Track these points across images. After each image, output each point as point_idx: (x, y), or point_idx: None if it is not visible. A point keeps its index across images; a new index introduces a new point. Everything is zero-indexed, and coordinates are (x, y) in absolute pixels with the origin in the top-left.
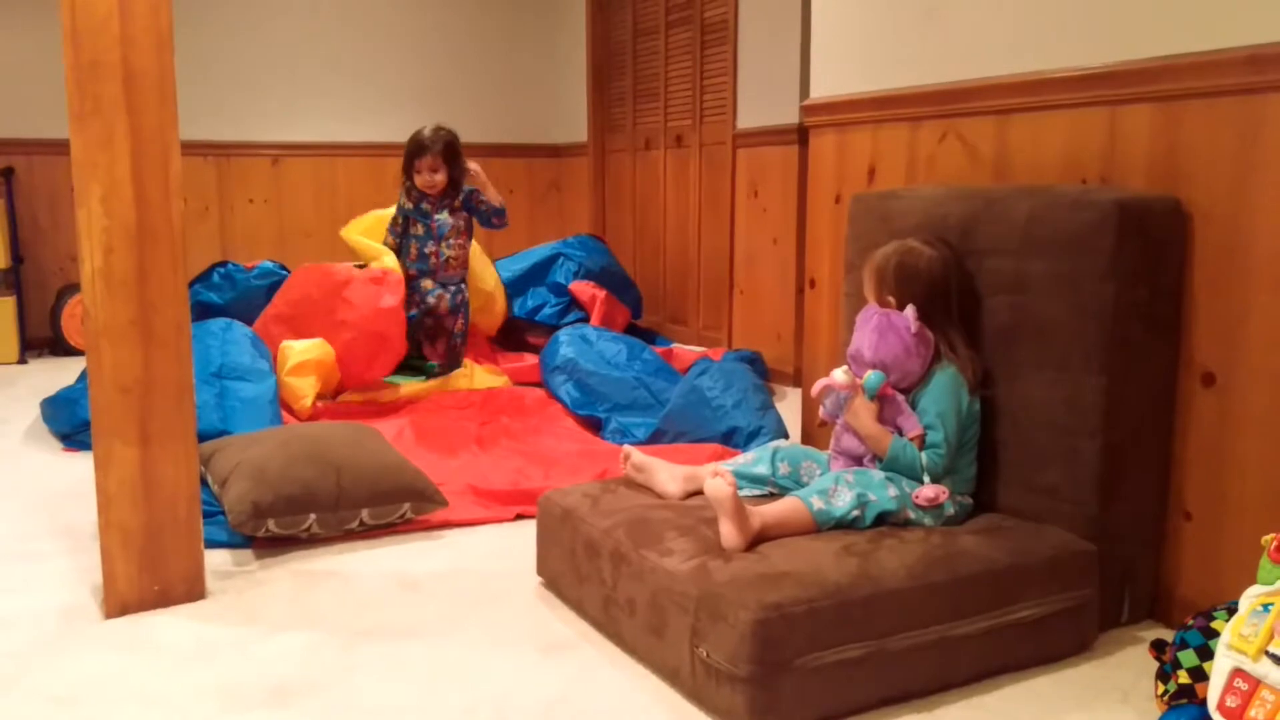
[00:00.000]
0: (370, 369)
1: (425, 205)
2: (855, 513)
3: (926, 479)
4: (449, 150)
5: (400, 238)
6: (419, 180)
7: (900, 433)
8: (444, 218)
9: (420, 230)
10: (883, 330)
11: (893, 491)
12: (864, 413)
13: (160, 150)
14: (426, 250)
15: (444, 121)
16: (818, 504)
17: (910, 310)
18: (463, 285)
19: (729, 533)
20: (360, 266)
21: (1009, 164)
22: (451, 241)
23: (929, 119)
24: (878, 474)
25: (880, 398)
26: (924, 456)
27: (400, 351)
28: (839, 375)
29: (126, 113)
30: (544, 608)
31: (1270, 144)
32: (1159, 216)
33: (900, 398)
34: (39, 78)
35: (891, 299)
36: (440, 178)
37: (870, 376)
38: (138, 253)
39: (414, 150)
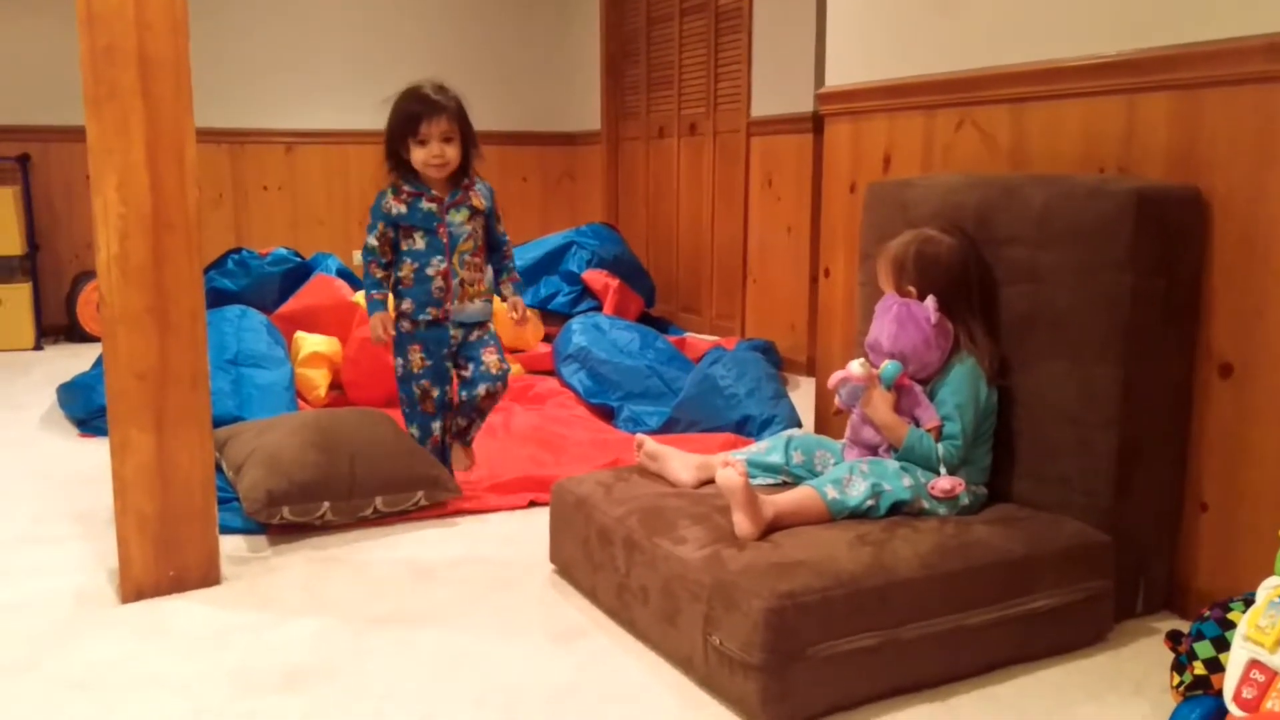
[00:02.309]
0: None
1: (427, 203)
2: (870, 502)
3: (943, 470)
4: (463, 114)
5: (390, 265)
6: (421, 157)
7: (917, 423)
8: (458, 220)
9: (421, 242)
10: (902, 321)
11: (907, 481)
12: (880, 403)
13: (176, 137)
14: (430, 271)
15: None
16: (832, 494)
17: (930, 301)
18: (488, 345)
19: (741, 522)
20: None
21: (1026, 153)
22: (467, 257)
23: (945, 107)
24: (892, 464)
25: (897, 388)
26: (940, 448)
27: None
28: (856, 368)
29: (142, 99)
30: (557, 595)
31: None
32: (1177, 206)
33: (918, 388)
34: (55, 64)
35: (912, 289)
36: (454, 152)
37: (887, 366)
38: (153, 239)
39: (411, 114)
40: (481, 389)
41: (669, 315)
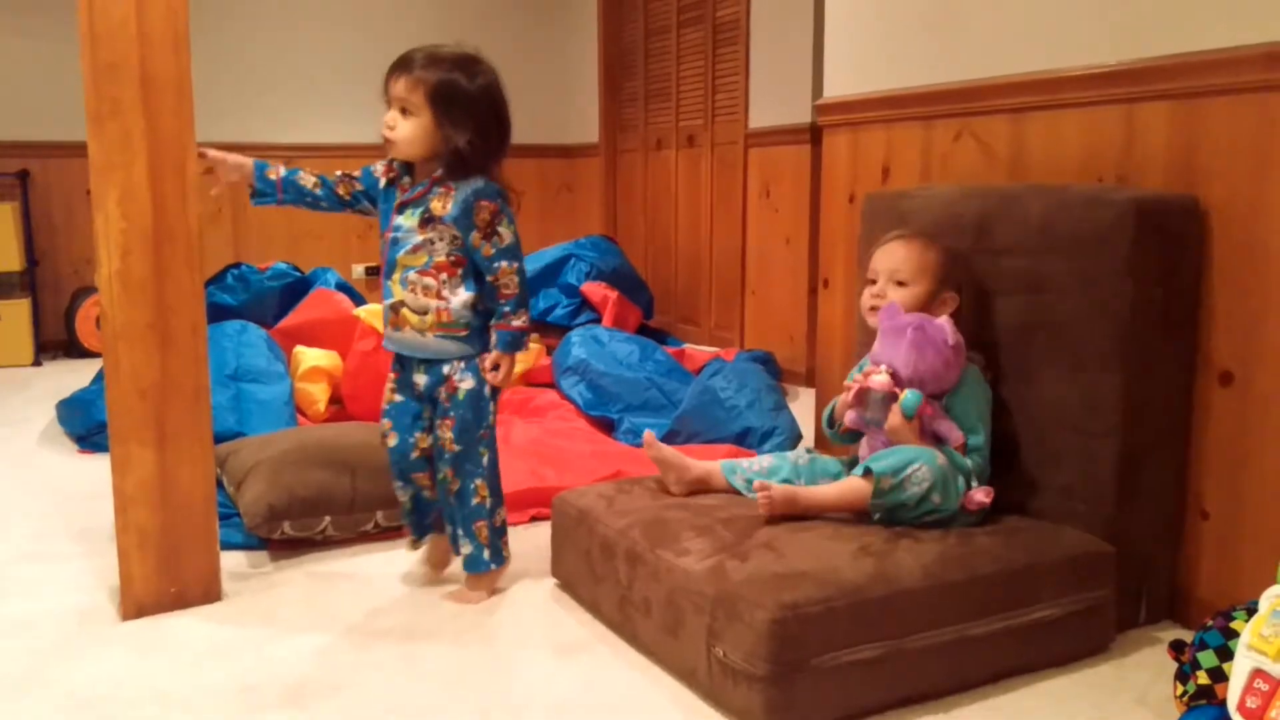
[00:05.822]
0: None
1: (390, 186)
2: (913, 470)
3: (975, 483)
4: (446, 91)
5: (328, 186)
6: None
7: (941, 441)
8: (407, 224)
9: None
10: (920, 346)
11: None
12: (906, 433)
13: (177, 152)
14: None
15: None
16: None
17: (946, 322)
18: (447, 415)
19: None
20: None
21: (1024, 163)
22: (413, 274)
23: (943, 118)
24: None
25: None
26: (969, 461)
27: None
28: (876, 378)
29: (144, 115)
30: (559, 609)
31: None
32: (1177, 215)
33: (936, 405)
34: (55, 81)
35: (953, 294)
36: (408, 128)
37: (908, 397)
38: (154, 255)
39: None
40: (442, 470)
41: (667, 327)
